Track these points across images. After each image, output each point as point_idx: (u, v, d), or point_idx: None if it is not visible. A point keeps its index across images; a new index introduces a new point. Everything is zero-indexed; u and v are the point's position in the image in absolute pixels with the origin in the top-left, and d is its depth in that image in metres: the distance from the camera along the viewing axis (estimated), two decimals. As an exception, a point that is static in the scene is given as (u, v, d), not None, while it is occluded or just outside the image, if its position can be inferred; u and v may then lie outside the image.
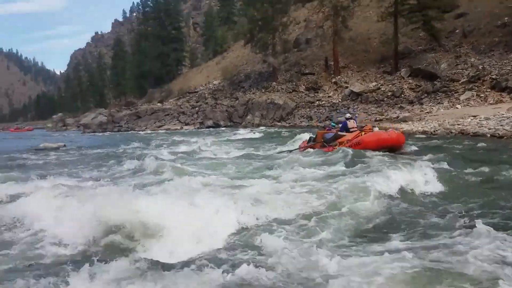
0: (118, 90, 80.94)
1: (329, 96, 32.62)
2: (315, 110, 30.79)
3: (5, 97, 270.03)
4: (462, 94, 24.77)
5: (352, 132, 11.35)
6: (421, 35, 33.13)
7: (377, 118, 25.87)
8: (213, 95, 41.46)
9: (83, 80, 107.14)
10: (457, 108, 23.61)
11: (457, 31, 30.21)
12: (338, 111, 29.38)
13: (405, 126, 22.28)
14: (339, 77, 33.95)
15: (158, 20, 59.19)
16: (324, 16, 32.84)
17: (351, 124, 11.70)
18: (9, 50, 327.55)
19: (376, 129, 11.45)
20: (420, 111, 25.08)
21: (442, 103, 24.85)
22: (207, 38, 71.95)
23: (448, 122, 18.59)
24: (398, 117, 24.57)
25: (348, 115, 12.54)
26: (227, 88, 42.20)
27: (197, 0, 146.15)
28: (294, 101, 32.71)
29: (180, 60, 61.02)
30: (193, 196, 5.51)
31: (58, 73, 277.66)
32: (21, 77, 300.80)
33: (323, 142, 11.79)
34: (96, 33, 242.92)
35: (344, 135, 11.31)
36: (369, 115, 27.41)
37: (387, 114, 26.29)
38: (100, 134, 37.82)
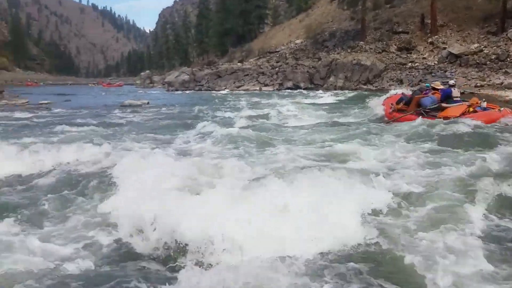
0: (201, 48, 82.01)
1: (423, 58, 29.30)
2: (407, 72, 27.89)
3: (100, 53, 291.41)
4: None
5: (456, 104, 9.94)
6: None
7: (478, 84, 22.72)
8: (294, 55, 39.75)
9: (170, 38, 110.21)
10: None
11: None
12: (433, 74, 26.39)
13: (510, 94, 19.28)
14: (436, 36, 30.22)
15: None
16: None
17: (455, 92, 10.26)
18: (103, 7, 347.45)
19: (484, 104, 9.68)
20: (532, 78, 21.43)
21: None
22: (290, -5, 69.20)
23: None
24: (502, 83, 21.26)
25: (452, 81, 11.39)
26: (309, 48, 40.12)
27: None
28: (383, 62, 29.94)
29: (262, 18, 59.23)
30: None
31: (147, 31, 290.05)
32: (114, 35, 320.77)
33: (420, 110, 10.16)
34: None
35: (449, 107, 9.85)
36: (469, 80, 24.16)
37: (490, 80, 22.92)
38: (182, 92, 38.63)
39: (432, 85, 11.38)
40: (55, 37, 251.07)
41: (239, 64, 43.90)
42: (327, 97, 23.07)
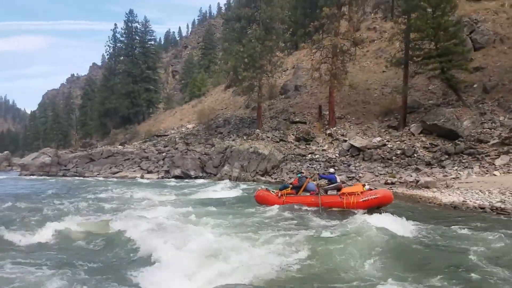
0: (84, 131, 74.56)
1: (323, 150, 27.12)
2: (308, 164, 25.05)
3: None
4: (497, 158, 19.79)
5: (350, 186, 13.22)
6: (430, 88, 29.00)
7: (388, 181, 20.37)
8: (185, 140, 35.35)
9: (49, 119, 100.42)
10: (494, 175, 18.44)
11: (475, 85, 26.02)
12: (336, 168, 23.84)
13: (429, 194, 16.99)
14: (334, 128, 28.79)
15: (131, 56, 53.87)
16: (321, 58, 28.12)
17: (337, 178, 12.55)
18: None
19: (367, 186, 12.05)
20: (444, 175, 19.83)
21: (472, 168, 19.72)
22: (185, 84, 67.36)
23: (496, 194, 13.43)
24: (417, 181, 19.11)
25: (332, 169, 13.92)
26: (202, 133, 36.29)
27: (179, 50, 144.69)
28: (281, 152, 26.99)
29: (152, 102, 55.06)
30: None
31: (29, 112, 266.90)
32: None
33: (318, 191, 11.94)
34: (72, 74, 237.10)
35: (345, 187, 12.15)
36: (376, 175, 21.97)
37: (400, 177, 20.81)
38: (40, 178, 30.55)
39: (305, 175, 13.35)
40: None
41: (119, 147, 37.75)
42: (221, 191, 18.36)
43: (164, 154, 33.52)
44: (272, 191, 12.84)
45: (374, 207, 10.98)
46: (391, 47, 36.36)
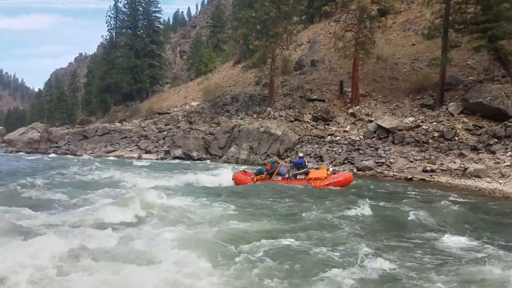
0: (89, 110, 71.91)
1: (345, 131, 23.61)
2: (327, 147, 21.59)
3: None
4: (562, 142, 16.16)
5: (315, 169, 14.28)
6: (469, 62, 25.16)
7: (427, 168, 16.85)
8: (189, 118, 31.99)
9: (54, 97, 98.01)
10: None
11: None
12: (361, 151, 20.38)
13: (484, 185, 13.71)
14: (358, 107, 25.18)
15: (134, 29, 50.18)
16: (346, 24, 24.33)
17: (306, 162, 13.79)
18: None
19: (331, 168, 13.86)
20: (495, 162, 16.31)
21: (529, 153, 16.15)
22: (192, 63, 63.74)
23: None
24: (465, 169, 15.60)
25: (301, 154, 14.89)
26: (207, 111, 32.87)
27: (187, 30, 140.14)
28: (296, 133, 23.53)
29: (156, 78, 51.47)
30: None
31: (37, 90, 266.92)
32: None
33: (288, 176, 12.66)
34: (80, 53, 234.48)
35: (312, 171, 13.12)
36: (411, 161, 18.44)
37: (442, 163, 17.28)
38: (26, 155, 27.47)
39: (275, 159, 14.40)
40: None
41: (118, 124, 34.55)
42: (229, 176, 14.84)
43: (165, 133, 30.32)
44: (249, 176, 13.34)
45: (337, 187, 12.16)
46: (421, 18, 32.60)
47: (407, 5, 35.25)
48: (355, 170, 18.75)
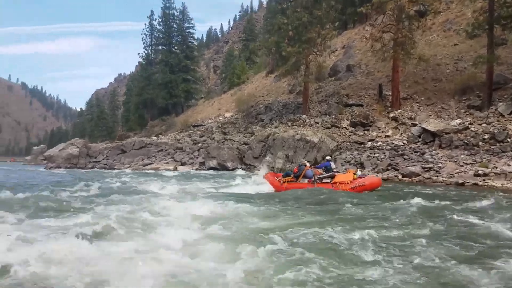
0: (128, 127, 73.91)
1: (387, 136, 22.37)
2: (368, 153, 20.44)
3: (24, 131, 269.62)
4: None
5: (341, 173, 13.54)
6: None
7: (480, 171, 15.41)
8: (222, 129, 31.69)
9: (94, 116, 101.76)
10: None
11: None
12: (405, 157, 19.16)
13: None
14: (399, 111, 23.89)
15: (169, 45, 51.05)
16: (383, 25, 23.28)
17: (333, 165, 13.47)
18: (34, 87, 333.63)
19: (359, 172, 13.30)
20: (559, 165, 14.67)
21: None
22: (225, 77, 64.21)
23: None
24: (524, 171, 14.10)
25: (328, 157, 14.41)
26: (240, 122, 32.47)
27: (220, 46, 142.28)
28: (334, 139, 22.55)
29: (190, 93, 51.98)
30: None
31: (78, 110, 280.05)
32: (42, 113, 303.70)
33: (314, 179, 12.48)
34: (120, 74, 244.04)
35: (338, 175, 12.56)
36: (461, 165, 16.99)
37: (495, 166, 15.79)
38: (65, 171, 28.00)
39: (304, 163, 13.65)
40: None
41: (154, 138, 34.82)
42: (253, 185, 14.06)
43: (199, 144, 30.15)
44: (277, 178, 13.86)
45: (362, 192, 11.63)
46: (461, 18, 30.96)
47: (446, 5, 33.66)
48: (400, 177, 17.59)
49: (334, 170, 13.00)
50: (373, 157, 20.11)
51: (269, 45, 27.18)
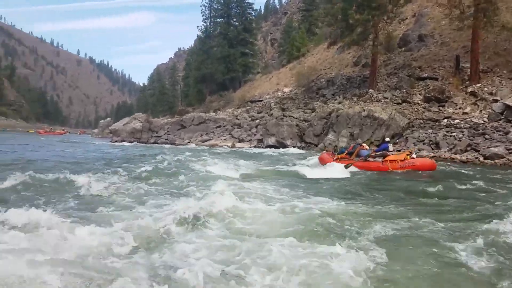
0: (187, 101, 75.31)
1: (464, 113, 20.14)
2: (444, 132, 18.49)
3: (93, 104, 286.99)
4: None
5: (396, 152, 13.69)
6: None
7: None
8: (281, 105, 30.69)
9: (156, 91, 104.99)
10: None
11: None
12: (486, 136, 17.09)
13: None
14: (479, 85, 21.36)
15: (228, 17, 50.21)
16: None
17: (391, 147, 13.47)
18: (100, 61, 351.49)
19: (415, 154, 12.85)
20: None
21: None
22: (283, 50, 62.48)
23: None
24: None
25: (387, 138, 14.17)
26: (300, 97, 31.20)
27: (278, 18, 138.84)
28: (405, 116, 20.72)
29: (248, 66, 51.18)
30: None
31: (141, 85, 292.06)
32: (109, 88, 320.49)
33: (366, 157, 12.84)
34: (179, 48, 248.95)
35: (390, 154, 12.63)
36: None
37: None
38: (129, 144, 28.81)
39: (360, 142, 14.69)
40: (49, 87, 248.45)
41: (212, 113, 34.72)
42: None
43: (257, 121, 29.48)
44: (331, 155, 13.90)
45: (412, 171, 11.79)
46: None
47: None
48: (481, 159, 15.72)
49: (391, 152, 13.02)
50: (450, 136, 18.17)
51: (335, 12, 25.26)
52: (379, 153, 12.86)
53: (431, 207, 6.44)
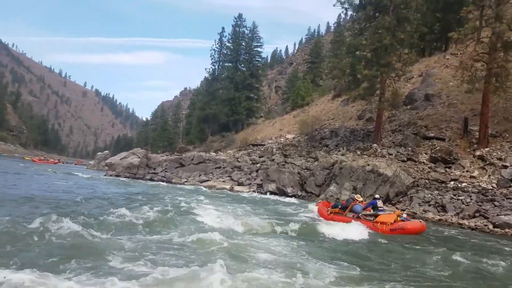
0: (188, 139, 75.36)
1: (472, 176, 19.61)
2: (451, 195, 17.86)
3: (93, 135, 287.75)
4: None
5: (385, 212, 12.89)
6: None
7: None
8: (283, 151, 30.25)
9: (158, 126, 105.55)
10: None
11: None
12: (495, 203, 16.44)
13: None
14: (487, 149, 21.01)
15: (236, 62, 51.22)
16: (476, 53, 20.78)
17: (380, 203, 13.44)
18: (106, 94, 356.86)
19: (405, 215, 12.78)
20: None
21: None
22: (287, 97, 63.38)
23: None
24: None
25: (377, 195, 14.37)
26: (303, 145, 30.86)
27: (284, 67, 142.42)
28: (410, 174, 20.17)
29: (252, 111, 51.53)
30: None
31: (144, 119, 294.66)
32: (111, 120, 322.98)
33: (358, 215, 13.00)
34: (185, 88, 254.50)
35: (381, 215, 12.46)
36: None
37: None
38: (123, 179, 27.97)
39: (353, 197, 14.15)
40: (52, 115, 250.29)
41: (212, 153, 34.20)
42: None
43: (258, 165, 28.89)
44: (326, 208, 14.52)
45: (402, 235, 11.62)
46: None
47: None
48: (490, 227, 14.98)
49: (380, 208, 13.08)
50: (457, 199, 17.51)
51: (342, 67, 25.47)
52: (372, 213, 12.87)
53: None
